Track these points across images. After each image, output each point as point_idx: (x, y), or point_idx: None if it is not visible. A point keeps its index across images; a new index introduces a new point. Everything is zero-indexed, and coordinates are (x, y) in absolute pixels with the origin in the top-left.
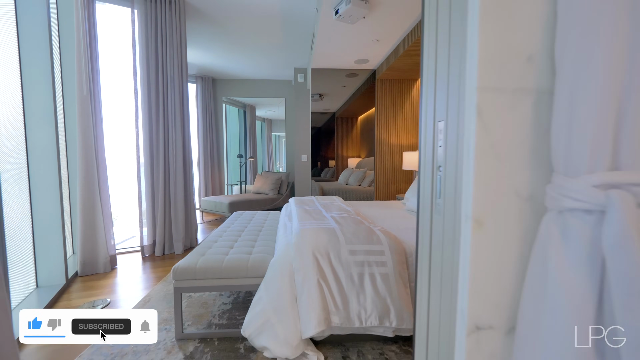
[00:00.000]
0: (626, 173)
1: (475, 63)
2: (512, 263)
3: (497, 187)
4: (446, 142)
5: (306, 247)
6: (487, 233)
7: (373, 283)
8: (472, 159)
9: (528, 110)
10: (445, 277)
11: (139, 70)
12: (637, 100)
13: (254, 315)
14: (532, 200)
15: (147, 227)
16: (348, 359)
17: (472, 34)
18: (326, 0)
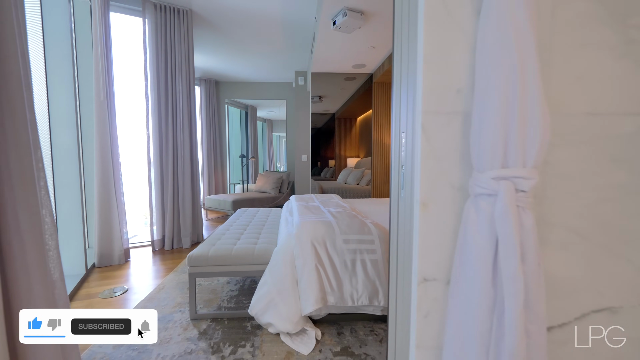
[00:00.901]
0: (510, 169)
1: (420, 94)
2: (448, 233)
3: (437, 180)
4: (406, 148)
5: (306, 237)
6: (430, 212)
7: (364, 268)
8: (419, 161)
9: (458, 127)
10: (405, 245)
11: (149, 76)
12: (518, 124)
13: (259, 296)
14: (461, 189)
15: (157, 223)
16: (342, 335)
17: (418, 74)
18: (324, 12)
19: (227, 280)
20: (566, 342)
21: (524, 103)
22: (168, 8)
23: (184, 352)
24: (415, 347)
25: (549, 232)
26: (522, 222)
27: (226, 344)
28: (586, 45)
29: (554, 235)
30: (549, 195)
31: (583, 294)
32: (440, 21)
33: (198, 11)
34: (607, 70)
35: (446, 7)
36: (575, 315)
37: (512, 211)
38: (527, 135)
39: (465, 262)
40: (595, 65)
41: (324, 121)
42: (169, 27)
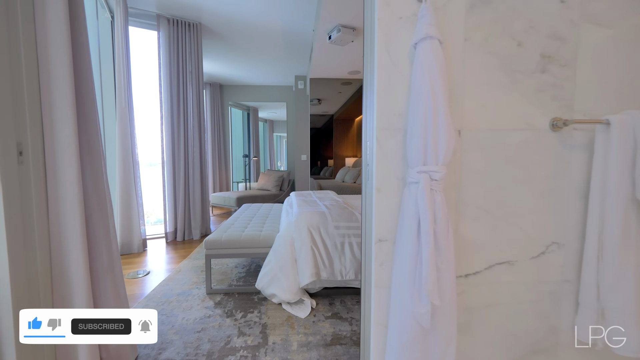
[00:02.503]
0: (428, 166)
1: (375, 116)
2: (394, 209)
3: (387, 173)
4: (369, 152)
5: (303, 224)
6: (382, 195)
7: (351, 249)
8: (374, 161)
9: (399, 139)
10: (368, 217)
11: (163, 83)
12: (432, 137)
13: (265, 273)
14: (402, 179)
15: (169, 216)
16: (333, 304)
17: (375, 103)
18: (321, 27)
19: (235, 265)
20: (478, 285)
21: (435, 124)
22: (180, 22)
23: (203, 316)
24: (374, 286)
25: (464, 208)
26: (434, 199)
27: (238, 311)
28: (486, 84)
29: (468, 211)
30: (463, 183)
31: (489, 252)
32: (388, 68)
33: (207, 24)
34: (500, 101)
35: (391, 59)
36: (484, 266)
37: (427, 193)
38: (438, 145)
39: (403, 227)
40: (493, 98)
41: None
42: (180, 39)
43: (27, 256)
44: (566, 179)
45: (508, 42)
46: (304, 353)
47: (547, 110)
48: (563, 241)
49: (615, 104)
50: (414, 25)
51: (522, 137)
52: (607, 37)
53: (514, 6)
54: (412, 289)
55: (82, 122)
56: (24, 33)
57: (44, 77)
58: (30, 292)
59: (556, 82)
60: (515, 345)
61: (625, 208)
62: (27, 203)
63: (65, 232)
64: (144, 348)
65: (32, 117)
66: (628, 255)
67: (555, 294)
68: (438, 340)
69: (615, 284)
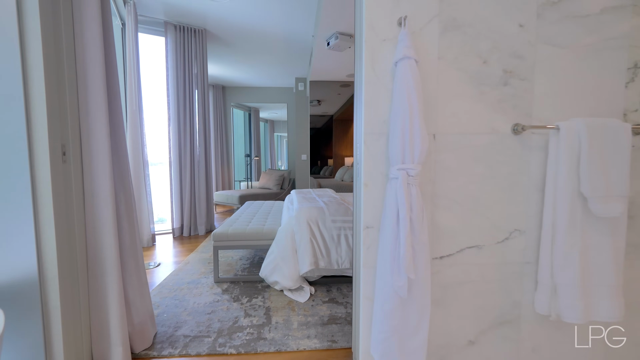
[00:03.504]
0: (405, 165)
1: (363, 123)
2: (378, 200)
3: (373, 171)
4: (359, 153)
5: (303, 218)
6: (369, 189)
7: (346, 240)
8: (362, 160)
9: (383, 142)
10: (358, 208)
11: (170, 86)
12: (409, 141)
13: (268, 262)
14: (385, 175)
15: (176, 213)
16: (330, 291)
17: (363, 111)
18: (320, 34)
19: (239, 257)
20: (451, 266)
21: (412, 130)
22: (186, 28)
23: (212, 301)
24: (362, 266)
25: (439, 200)
26: (410, 192)
27: (243, 296)
28: (457, 96)
29: (442, 203)
30: (438, 179)
31: (460, 237)
32: (373, 83)
33: (211, 30)
34: (469, 109)
35: (376, 75)
36: (456, 250)
37: (405, 186)
38: (414, 146)
39: (385, 216)
40: (463, 107)
41: (323, 122)
42: (186, 44)
43: (69, 240)
44: (526, 176)
45: (475, 60)
46: (303, 330)
47: (509, 117)
48: (524, 228)
49: (567, 112)
50: (395, 46)
51: (488, 140)
52: (559, 55)
53: (479, 30)
54: (392, 267)
55: (112, 127)
56: (67, 53)
57: (82, 89)
58: (71, 270)
59: (516, 93)
60: (484, 318)
61: (572, 200)
62: (69, 195)
63: (100, 221)
64: (161, 326)
65: (73, 123)
66: (574, 240)
67: (517, 274)
68: (414, 309)
69: (564, 264)
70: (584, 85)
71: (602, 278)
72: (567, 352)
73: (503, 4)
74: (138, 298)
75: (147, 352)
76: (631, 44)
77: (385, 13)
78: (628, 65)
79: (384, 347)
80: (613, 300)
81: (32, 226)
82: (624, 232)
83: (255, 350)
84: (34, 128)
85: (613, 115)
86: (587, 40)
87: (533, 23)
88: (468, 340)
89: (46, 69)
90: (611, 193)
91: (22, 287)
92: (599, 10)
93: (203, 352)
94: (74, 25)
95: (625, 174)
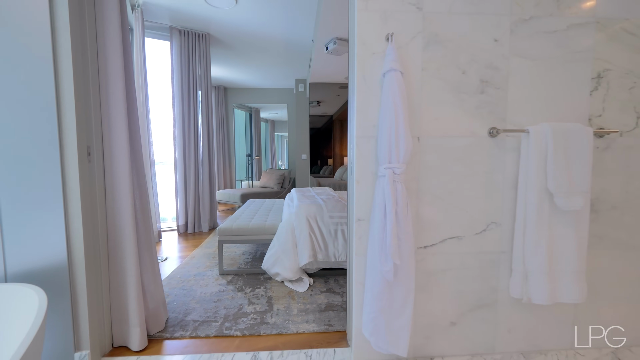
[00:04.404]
0: (392, 164)
1: (355, 127)
2: (369, 195)
3: (364, 169)
4: (352, 153)
5: (302, 214)
6: (360, 185)
7: (343, 235)
8: (354, 159)
9: (373, 144)
10: (351, 202)
11: (175, 89)
12: (395, 143)
13: (270, 255)
14: (375, 174)
15: (180, 211)
16: (328, 282)
17: (355, 116)
18: (319, 39)
19: (242, 252)
20: (434, 254)
21: (397, 133)
22: (190, 33)
23: (218, 291)
24: (355, 255)
25: (423, 196)
26: (396, 188)
27: (247, 287)
28: (439, 103)
29: (426, 198)
30: (422, 177)
31: (442, 229)
32: (364, 91)
33: (214, 34)
34: (450, 115)
35: (366, 84)
36: (439, 240)
37: (391, 183)
38: (399, 148)
39: (375, 209)
40: (444, 113)
41: (323, 122)
42: (190, 48)
43: (93, 231)
44: (501, 174)
45: (455, 71)
46: (302, 316)
47: (485, 122)
48: (499, 221)
49: (537, 117)
50: (383, 59)
51: (467, 142)
52: (530, 67)
53: (459, 44)
54: (380, 254)
55: (130, 130)
56: (91, 66)
57: (104, 97)
58: (95, 258)
59: (492, 100)
60: (464, 301)
61: (540, 195)
62: (93, 191)
63: (119, 214)
64: (172, 312)
65: (96, 127)
66: (542, 231)
67: (494, 262)
68: (400, 292)
69: (534, 252)
70: (553, 93)
71: (567, 265)
72: (539, 333)
73: (480, 21)
74: (152, 285)
75: (160, 334)
76: (595, 56)
77: (374, 30)
78: (592, 75)
79: (373, 325)
80: (576, 284)
81: (63, 218)
82: (587, 224)
83: (258, 333)
84: (65, 133)
85: (579, 120)
86: (555, 53)
87: (507, 38)
88: (450, 321)
89: (75, 83)
90: (574, 189)
91: (54, 272)
92: (566, 26)
93: (211, 334)
94: (97, 41)
95: (587, 172)
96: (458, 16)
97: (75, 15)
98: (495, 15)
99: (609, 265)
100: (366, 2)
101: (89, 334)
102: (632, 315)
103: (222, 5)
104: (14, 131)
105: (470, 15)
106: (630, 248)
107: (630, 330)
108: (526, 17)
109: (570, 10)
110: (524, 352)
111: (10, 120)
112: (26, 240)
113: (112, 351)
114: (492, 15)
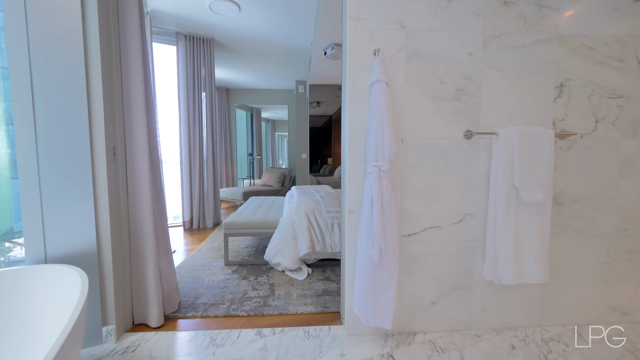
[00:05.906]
0: (378, 162)
1: (347, 130)
2: (359, 190)
3: (354, 167)
4: (344, 153)
5: (301, 209)
6: (352, 181)
7: (339, 228)
8: (346, 159)
9: (362, 145)
10: (343, 197)
11: (180, 91)
12: (380, 144)
13: (271, 247)
14: (364, 171)
15: (186, 207)
16: (325, 272)
17: (347, 121)
18: (317, 45)
19: (245, 245)
20: (417, 242)
21: (382, 136)
22: (195, 38)
23: (224, 279)
24: (347, 242)
25: (406, 191)
26: (382, 183)
27: (251, 276)
28: (420, 109)
29: (409, 192)
30: (405, 174)
31: (424, 219)
32: (354, 99)
33: (218, 39)
34: (429, 120)
35: (357, 93)
36: (420, 229)
37: (377, 179)
38: (384, 148)
39: (363, 201)
40: (425, 117)
41: (322, 122)
42: (195, 52)
43: (118, 221)
44: (475, 171)
45: (434, 81)
46: (301, 300)
47: (461, 125)
48: (474, 212)
49: (507, 121)
50: (371, 71)
51: (445, 143)
52: (500, 77)
53: (437, 58)
54: (368, 239)
55: (149, 133)
56: (116, 74)
57: (127, 102)
58: (119, 244)
59: (467, 107)
60: (443, 283)
61: (507, 190)
62: (117, 185)
63: (139, 207)
64: (183, 297)
65: (120, 129)
66: (509, 221)
67: (469, 249)
68: (385, 273)
69: (502, 240)
70: (521, 100)
71: (531, 250)
72: (509, 311)
73: (456, 37)
74: (167, 271)
75: (175, 314)
76: (557, 68)
77: (363, 45)
78: (555, 84)
79: (362, 303)
80: (539, 267)
81: (93, 210)
82: (549, 214)
83: (262, 313)
84: (94, 134)
85: (544, 123)
86: (522, 65)
87: (480, 52)
88: (431, 301)
89: (104, 93)
90: (536, 184)
91: (85, 256)
92: (532, 42)
93: (220, 314)
94: (121, 54)
95: (548, 169)
96: (437, 33)
97: (104, 35)
98: (469, 32)
99: (572, 252)
100: (356, 22)
101: (114, 311)
102: (591, 296)
103: (226, 13)
104: (53, 134)
105: (447, 32)
106: (590, 236)
107: (589, 309)
108: (497, 33)
109: (535, 28)
110: (497, 328)
111: (50, 126)
112: (63, 228)
113: (133, 327)
114: (467, 32)
